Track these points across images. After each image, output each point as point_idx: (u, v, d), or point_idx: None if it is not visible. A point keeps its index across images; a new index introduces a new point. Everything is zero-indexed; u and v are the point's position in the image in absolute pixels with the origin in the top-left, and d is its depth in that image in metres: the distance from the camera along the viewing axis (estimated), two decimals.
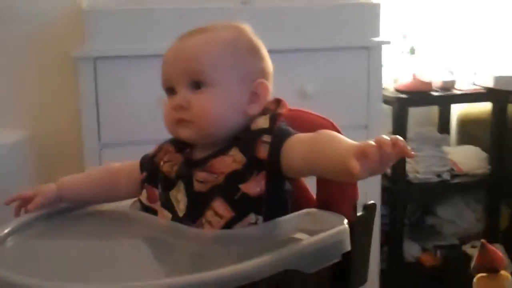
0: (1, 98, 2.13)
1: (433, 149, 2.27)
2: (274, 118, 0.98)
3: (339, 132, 1.06)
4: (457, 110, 2.57)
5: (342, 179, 0.87)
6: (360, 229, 0.98)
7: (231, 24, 1.04)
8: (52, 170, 2.12)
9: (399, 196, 2.22)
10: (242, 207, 0.92)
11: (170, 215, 0.97)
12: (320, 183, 1.03)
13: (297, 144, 0.92)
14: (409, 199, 2.36)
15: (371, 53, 2.01)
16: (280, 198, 0.96)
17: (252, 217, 0.92)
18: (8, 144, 1.95)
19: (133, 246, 0.94)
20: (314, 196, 1.06)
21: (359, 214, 1.00)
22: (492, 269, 1.25)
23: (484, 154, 2.37)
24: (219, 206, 0.92)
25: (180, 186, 0.97)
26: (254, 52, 1.02)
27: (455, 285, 2.14)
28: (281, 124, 0.97)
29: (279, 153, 0.92)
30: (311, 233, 0.88)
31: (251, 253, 0.83)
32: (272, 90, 1.04)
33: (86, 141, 1.85)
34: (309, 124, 1.05)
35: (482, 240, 1.27)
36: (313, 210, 0.97)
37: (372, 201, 1.03)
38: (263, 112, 1.00)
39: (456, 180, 2.28)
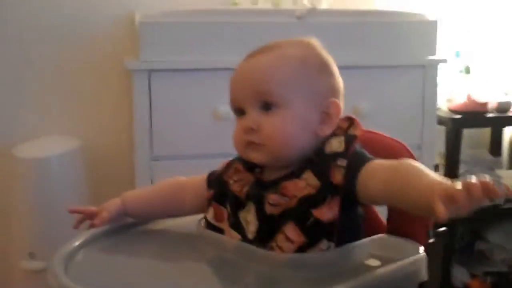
0: (57, 106, 2.16)
1: (486, 172, 2.21)
2: (349, 141, 0.94)
3: (412, 156, 1.04)
4: (509, 132, 2.51)
5: (423, 215, 0.83)
6: (432, 257, 0.95)
7: (300, 40, 1.01)
8: (103, 180, 2.13)
9: (449, 220, 2.16)
10: (314, 233, 0.89)
11: (239, 236, 0.94)
12: (393, 208, 0.99)
13: (376, 172, 0.88)
14: (459, 223, 2.30)
15: (427, 71, 1.97)
16: (353, 224, 0.93)
17: (324, 244, 0.89)
18: (62, 153, 1.97)
19: (201, 265, 0.92)
20: (384, 221, 1.03)
21: (431, 240, 0.97)
22: None
23: None
24: (291, 230, 0.89)
25: (251, 207, 0.95)
26: (324, 69, 0.98)
27: None
28: (356, 147, 0.94)
29: (356, 179, 0.89)
30: (385, 260, 0.85)
31: (323, 279, 0.81)
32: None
33: (138, 153, 1.84)
34: (382, 146, 1.03)
35: None
36: (386, 236, 0.94)
37: (443, 228, 0.99)
38: (335, 132, 0.97)
39: (508, 205, 2.22)
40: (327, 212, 0.89)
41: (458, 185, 0.74)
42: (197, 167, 1.79)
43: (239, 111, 0.97)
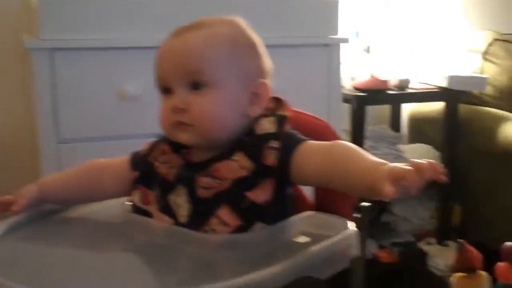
0: None
1: (389, 147, 2.30)
2: (280, 122, 0.94)
3: (334, 133, 1.06)
4: (407, 108, 2.61)
5: (366, 196, 0.85)
6: (359, 232, 0.96)
7: (228, 19, 1.00)
8: (4, 166, 2.02)
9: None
10: (249, 215, 0.88)
11: (170, 220, 0.92)
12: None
13: (311, 154, 0.89)
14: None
15: (330, 50, 2.00)
16: (284, 204, 0.93)
17: (259, 226, 0.89)
18: None
19: (130, 251, 0.89)
20: (309, 199, 1.04)
21: (355, 215, 0.99)
22: (471, 269, 1.26)
23: (436, 153, 2.41)
24: (225, 214, 0.88)
25: (181, 190, 0.92)
26: (253, 50, 0.98)
27: (413, 281, 2.18)
28: (288, 128, 0.94)
29: (290, 160, 0.89)
30: (315, 237, 0.86)
31: (257, 259, 0.80)
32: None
33: (43, 136, 1.75)
34: (305, 125, 1.03)
35: (461, 240, 1.28)
36: (314, 213, 0.95)
37: (367, 203, 1.02)
38: (264, 113, 0.96)
39: None
40: (261, 194, 0.88)
41: (406, 166, 0.76)
42: (105, 148, 1.75)
43: (166, 90, 0.95)
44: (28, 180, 2.00)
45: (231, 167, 0.91)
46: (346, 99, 2.19)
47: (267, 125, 0.94)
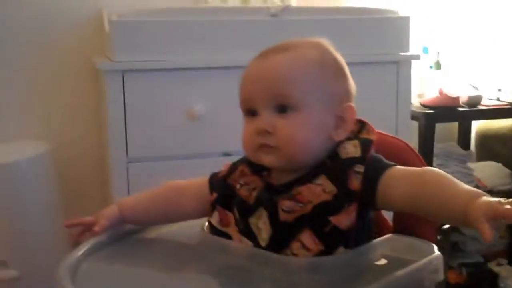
0: (23, 109, 2.09)
1: (458, 165, 2.25)
2: (365, 146, 0.92)
3: (415, 153, 1.03)
4: (476, 126, 2.55)
5: (456, 225, 0.83)
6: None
7: (314, 40, 0.99)
8: (74, 184, 2.08)
9: None
10: (332, 240, 0.87)
11: (250, 244, 0.91)
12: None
13: (400, 179, 0.87)
14: None
15: (400, 67, 1.98)
16: (366, 228, 0.91)
17: (341, 250, 0.87)
18: (30, 157, 1.90)
19: (209, 273, 0.89)
20: (389, 221, 1.02)
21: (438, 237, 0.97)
22: None
23: (506, 170, 2.35)
24: (307, 238, 0.87)
25: (262, 213, 0.91)
26: (340, 72, 0.96)
27: None
28: (373, 153, 0.92)
29: (376, 186, 0.87)
30: (399, 260, 0.84)
31: (339, 283, 0.79)
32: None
33: (113, 155, 1.79)
34: (386, 146, 1.01)
35: None
36: (396, 236, 0.92)
37: (447, 225, 0.99)
38: (348, 136, 0.94)
39: None
40: (344, 219, 0.87)
41: (501, 202, 0.74)
42: (174, 168, 1.79)
43: (251, 112, 0.94)
44: (98, 199, 2.07)
45: (314, 191, 0.89)
46: (414, 116, 2.15)
47: (351, 149, 0.92)
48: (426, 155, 2.14)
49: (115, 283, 0.85)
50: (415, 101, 2.24)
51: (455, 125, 2.53)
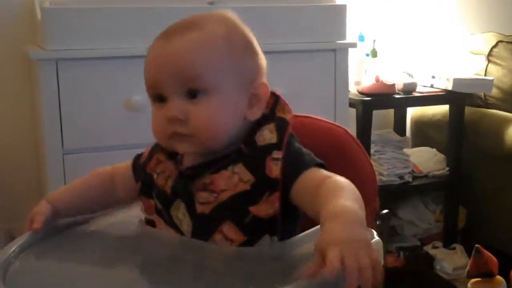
0: None
1: (395, 151, 2.29)
2: (282, 130, 0.88)
3: (353, 138, 1.04)
4: (411, 112, 2.61)
5: None
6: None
7: (220, 16, 0.92)
8: (8, 177, 2.01)
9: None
10: (254, 230, 0.84)
11: (176, 234, 0.89)
12: None
13: (307, 186, 0.84)
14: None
15: (338, 55, 2.00)
16: (294, 214, 0.89)
17: (266, 239, 0.85)
18: None
19: (144, 264, 0.87)
20: None
21: (377, 223, 0.98)
22: (487, 274, 1.25)
23: (441, 156, 2.40)
24: (228, 229, 0.84)
25: (180, 205, 0.89)
26: (248, 47, 0.90)
27: (420, 285, 2.17)
28: (293, 140, 0.89)
29: (293, 184, 0.84)
30: None
31: (264, 273, 0.78)
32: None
33: (48, 146, 1.74)
34: (322, 131, 1.01)
35: (477, 245, 1.27)
36: None
37: (386, 210, 1.00)
38: (263, 117, 0.90)
39: (416, 182, 2.31)
40: (266, 209, 0.84)
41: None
42: (111, 159, 1.71)
43: (159, 98, 0.88)
44: (34, 191, 2.01)
45: (230, 179, 0.86)
46: (351, 103, 2.17)
47: (268, 135, 0.88)
48: (364, 142, 2.15)
49: (49, 279, 0.82)
50: (353, 89, 2.27)
51: (391, 112, 2.58)
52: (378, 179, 2.20)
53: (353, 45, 2.03)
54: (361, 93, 2.23)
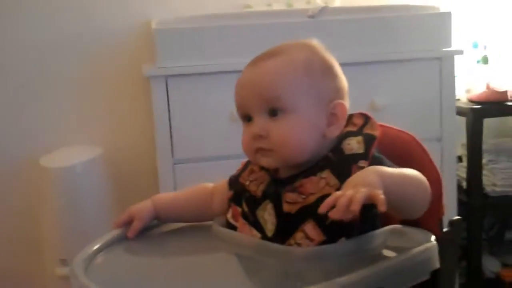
0: (77, 115, 2.20)
1: (510, 161, 2.20)
2: (369, 142, 0.96)
3: (421, 146, 1.05)
4: None
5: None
6: (446, 246, 0.96)
7: (302, 42, 1.03)
8: (127, 185, 2.17)
9: (475, 210, 2.15)
10: (334, 232, 0.90)
11: (259, 235, 0.96)
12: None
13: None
14: (486, 213, 2.29)
15: (443, 63, 1.97)
16: (371, 220, 0.94)
17: (343, 241, 0.91)
18: (84, 162, 2.01)
19: (218, 262, 0.94)
20: None
21: (445, 229, 0.98)
22: None
23: None
24: (310, 229, 0.91)
25: (268, 205, 0.97)
26: (328, 71, 1.00)
27: None
28: (375, 152, 0.96)
29: None
30: (398, 250, 0.87)
31: (339, 271, 0.82)
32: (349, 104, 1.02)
33: (160, 157, 1.88)
34: (391, 139, 1.03)
35: None
36: (399, 226, 0.95)
37: (457, 217, 1.00)
38: (351, 130, 0.98)
39: None
40: None
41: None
42: (218, 168, 1.82)
43: (246, 117, 0.99)
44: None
45: (317, 183, 0.93)
46: (461, 112, 2.13)
47: (355, 145, 0.96)
48: (474, 151, 2.12)
49: (128, 275, 0.91)
50: (463, 97, 2.21)
51: (509, 120, 2.48)
52: (490, 190, 2.14)
53: (459, 52, 1.99)
54: (471, 101, 2.17)
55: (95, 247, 0.96)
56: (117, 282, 0.88)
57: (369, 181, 0.82)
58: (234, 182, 1.07)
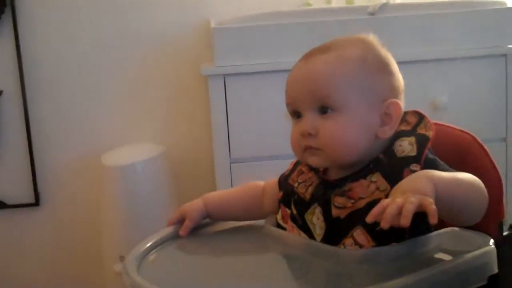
0: (139, 114, 2.24)
1: None
2: (422, 144, 0.91)
3: (482, 146, 1.01)
4: None
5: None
6: (506, 250, 0.92)
7: (357, 38, 0.99)
8: (186, 183, 2.20)
9: None
10: (384, 238, 0.87)
11: (307, 238, 0.95)
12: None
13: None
14: None
15: (509, 60, 1.90)
16: (424, 225, 0.89)
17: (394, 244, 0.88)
18: (145, 160, 2.04)
19: (269, 262, 0.94)
20: None
21: (505, 233, 0.94)
22: None
23: None
24: (360, 235, 0.89)
25: (316, 209, 0.94)
26: (383, 68, 0.96)
27: None
28: (428, 153, 0.92)
29: None
30: (454, 253, 0.83)
31: (391, 273, 0.80)
32: (404, 103, 0.99)
33: (217, 156, 1.89)
34: (451, 139, 1.00)
35: None
36: (455, 229, 0.91)
37: None
38: (404, 129, 0.95)
39: None
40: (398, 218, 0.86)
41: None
42: (274, 167, 1.82)
43: (296, 114, 0.96)
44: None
45: (367, 187, 0.90)
46: None
47: (407, 147, 0.92)
48: None
49: (177, 271, 0.92)
50: None
51: None
52: None
53: None
54: None
55: (148, 245, 0.97)
56: (168, 281, 0.88)
57: (420, 188, 0.78)
58: (283, 182, 1.05)
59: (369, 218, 0.77)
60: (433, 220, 0.74)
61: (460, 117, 1.80)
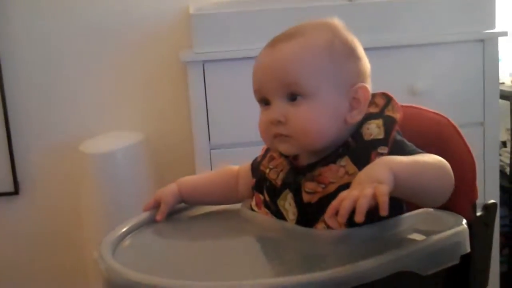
0: (119, 102, 2.23)
1: None
2: (389, 127, 0.92)
3: (456, 129, 1.02)
4: None
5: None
6: (480, 230, 0.93)
7: (322, 22, 0.97)
8: (167, 170, 2.19)
9: None
10: (355, 222, 0.85)
11: (279, 220, 0.95)
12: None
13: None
14: None
15: (486, 46, 1.91)
16: (396, 206, 0.90)
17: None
18: (126, 147, 2.03)
19: (245, 245, 0.94)
20: None
21: (478, 214, 0.95)
22: None
23: None
24: (331, 219, 0.87)
25: (288, 195, 0.95)
26: (350, 53, 0.95)
27: None
28: (396, 135, 0.92)
29: None
30: (427, 233, 0.84)
31: (364, 254, 0.81)
32: (379, 87, 0.99)
33: (197, 142, 1.88)
34: (425, 121, 1.00)
35: None
36: (429, 210, 0.92)
37: (492, 201, 0.97)
38: (371, 111, 0.95)
39: None
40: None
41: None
42: (254, 153, 1.83)
43: (264, 101, 0.96)
44: None
45: (336, 172, 0.90)
46: (505, 96, 2.07)
47: (375, 130, 0.92)
48: None
49: (153, 255, 0.92)
50: (507, 80, 2.15)
51: None
52: None
53: (504, 34, 1.92)
54: None
55: (123, 230, 0.97)
56: (143, 264, 0.88)
57: (377, 176, 0.79)
58: (256, 169, 1.05)
59: (327, 215, 0.78)
60: (383, 212, 0.75)
61: (438, 102, 1.81)
